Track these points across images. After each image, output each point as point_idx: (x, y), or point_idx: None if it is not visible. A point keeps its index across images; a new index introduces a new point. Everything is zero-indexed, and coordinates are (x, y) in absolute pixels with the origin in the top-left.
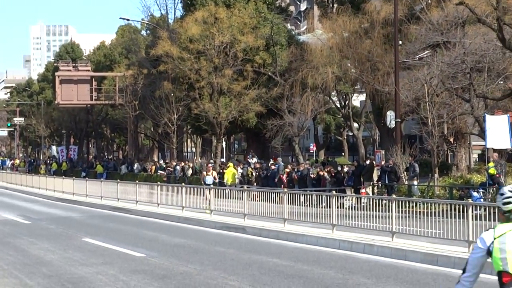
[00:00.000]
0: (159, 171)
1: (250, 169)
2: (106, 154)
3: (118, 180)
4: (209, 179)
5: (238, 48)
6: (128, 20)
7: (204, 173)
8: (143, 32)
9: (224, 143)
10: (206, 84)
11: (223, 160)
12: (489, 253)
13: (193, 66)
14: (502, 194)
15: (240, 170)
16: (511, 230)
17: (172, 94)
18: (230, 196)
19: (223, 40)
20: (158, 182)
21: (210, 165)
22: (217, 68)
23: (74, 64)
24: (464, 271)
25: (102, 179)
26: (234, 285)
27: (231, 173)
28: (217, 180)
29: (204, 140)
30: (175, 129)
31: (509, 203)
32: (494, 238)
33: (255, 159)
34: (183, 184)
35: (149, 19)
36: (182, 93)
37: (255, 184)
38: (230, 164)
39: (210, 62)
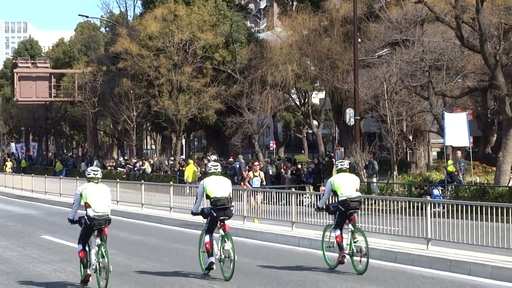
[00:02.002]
0: (118, 168)
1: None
2: (65, 151)
3: (77, 177)
4: (256, 182)
5: (198, 46)
6: (87, 17)
7: (251, 173)
8: (102, 29)
9: (183, 140)
10: (165, 81)
11: (183, 157)
12: None
13: (152, 63)
14: None
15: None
16: None
17: (131, 91)
18: (190, 194)
19: (182, 37)
20: (118, 180)
21: (257, 163)
22: (176, 65)
23: (33, 61)
24: None
25: (61, 176)
26: (193, 281)
27: (192, 170)
28: (264, 183)
29: (164, 137)
30: (135, 126)
31: None
32: None
33: (214, 157)
34: (142, 181)
35: (108, 16)
36: (141, 90)
37: None
38: (191, 161)
39: (170, 59)
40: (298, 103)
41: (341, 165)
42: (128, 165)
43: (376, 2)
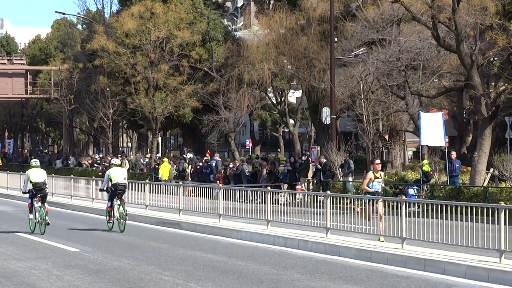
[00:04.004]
0: (94, 165)
1: (186, 164)
2: (41, 148)
3: (53, 174)
4: (377, 185)
5: (174, 43)
6: (64, 14)
7: (371, 174)
8: (79, 26)
9: (159, 138)
10: (142, 79)
11: (159, 155)
12: None
13: (129, 61)
14: None
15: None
16: None
17: (107, 89)
18: (165, 192)
19: (159, 35)
20: (93, 177)
21: (378, 161)
22: (153, 63)
23: (8, 58)
24: None
25: None
26: (168, 280)
27: (166, 168)
28: (383, 185)
29: (140, 135)
30: (111, 123)
31: None
32: None
33: (190, 155)
34: None
35: (85, 13)
36: (117, 88)
37: (190, 179)
38: (165, 159)
39: (146, 57)
40: (274, 101)
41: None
42: (104, 163)
43: (353, 2)
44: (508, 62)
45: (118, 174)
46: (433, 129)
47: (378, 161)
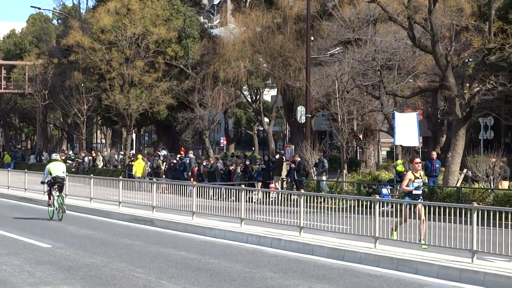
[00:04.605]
0: (68, 161)
1: (160, 161)
2: (14, 143)
3: (26, 170)
4: (417, 184)
5: (150, 40)
6: (39, 8)
7: (410, 174)
8: (55, 21)
9: (134, 135)
10: (117, 75)
11: (133, 152)
12: None
13: (104, 57)
14: None
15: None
16: None
17: (82, 85)
18: (139, 189)
19: (135, 31)
20: (67, 173)
21: (418, 160)
22: (128, 59)
23: None
24: None
25: (9, 168)
26: (141, 277)
27: (140, 165)
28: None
29: (114, 131)
30: (85, 120)
31: None
32: None
33: (164, 152)
34: (91, 175)
35: (60, 9)
36: (92, 84)
37: (164, 176)
38: (139, 156)
39: (122, 53)
40: (249, 99)
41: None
42: (77, 159)
43: (329, 1)
44: (483, 63)
45: (58, 168)
46: (407, 129)
47: (418, 159)
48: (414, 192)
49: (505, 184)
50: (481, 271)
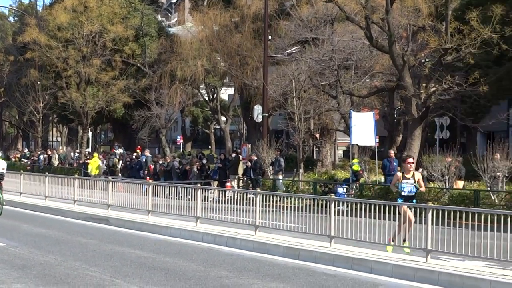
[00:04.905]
0: (23, 159)
1: (116, 160)
2: None
3: None
4: (407, 187)
5: (107, 38)
6: None
7: (399, 174)
8: (11, 19)
9: (90, 133)
10: (73, 73)
11: (89, 150)
12: None
13: (60, 54)
14: None
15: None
16: None
17: (38, 82)
18: (94, 187)
19: (92, 29)
20: (21, 171)
21: (411, 160)
22: (85, 57)
23: None
24: None
25: None
26: (95, 276)
27: (96, 164)
28: (423, 188)
29: (70, 129)
30: (41, 117)
31: None
32: None
33: (120, 150)
34: (47, 173)
35: (17, 6)
36: (49, 82)
37: (120, 175)
38: (95, 154)
39: (79, 51)
40: (206, 98)
41: None
42: (33, 157)
43: (287, 0)
44: (440, 63)
45: None
46: (363, 128)
47: (410, 159)
48: (406, 194)
49: (460, 184)
50: (436, 270)
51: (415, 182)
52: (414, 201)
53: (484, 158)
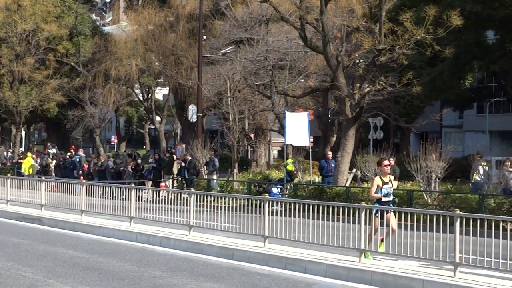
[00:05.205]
0: None
1: (50, 159)
2: None
3: None
4: (387, 190)
5: (41, 37)
6: None
7: (377, 180)
8: None
9: (23, 133)
10: (6, 72)
11: (22, 149)
12: None
13: None
14: None
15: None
16: None
17: None
18: (28, 187)
19: (25, 27)
20: None
21: (387, 162)
22: (18, 56)
23: None
24: None
25: None
26: (28, 276)
27: (29, 163)
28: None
29: (3, 129)
30: None
31: None
32: None
33: (54, 150)
34: None
35: None
36: None
37: (53, 174)
38: (28, 154)
39: (12, 49)
40: (141, 98)
41: None
42: None
43: (222, 0)
44: (373, 64)
45: None
46: (298, 128)
47: (386, 162)
48: (384, 199)
49: (394, 184)
50: (369, 270)
51: (392, 186)
52: (392, 205)
53: (417, 159)
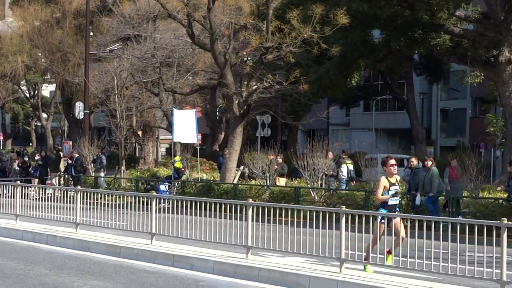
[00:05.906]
0: None
1: None
2: None
3: None
4: (394, 192)
5: None
6: None
7: (384, 181)
8: None
9: None
10: None
11: None
12: None
13: None
14: None
15: None
16: None
17: None
18: None
19: None
20: None
21: (393, 162)
22: None
23: None
24: None
25: None
26: None
27: None
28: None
29: None
30: None
31: None
32: None
33: None
34: None
35: None
36: None
37: None
38: None
39: None
40: (27, 95)
41: None
42: None
43: None
44: (261, 62)
45: None
46: (185, 126)
47: (392, 161)
48: (390, 202)
49: (282, 181)
50: (256, 266)
51: (399, 187)
52: (398, 209)
53: (304, 156)
